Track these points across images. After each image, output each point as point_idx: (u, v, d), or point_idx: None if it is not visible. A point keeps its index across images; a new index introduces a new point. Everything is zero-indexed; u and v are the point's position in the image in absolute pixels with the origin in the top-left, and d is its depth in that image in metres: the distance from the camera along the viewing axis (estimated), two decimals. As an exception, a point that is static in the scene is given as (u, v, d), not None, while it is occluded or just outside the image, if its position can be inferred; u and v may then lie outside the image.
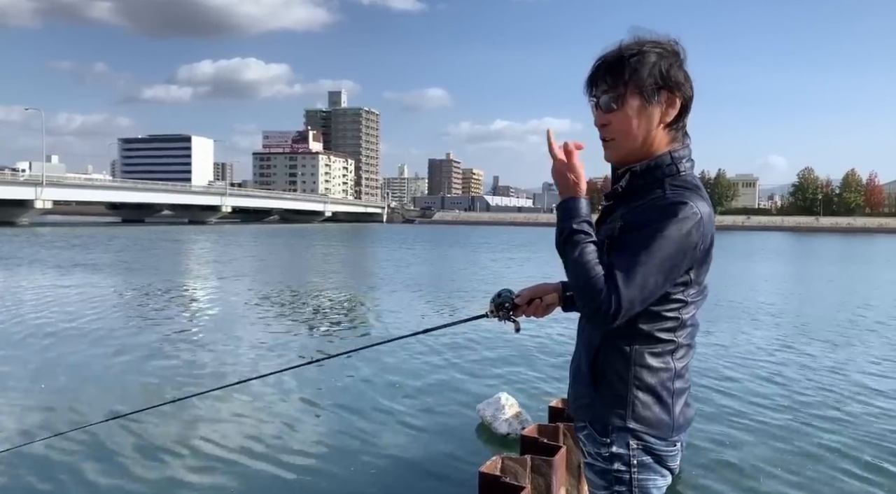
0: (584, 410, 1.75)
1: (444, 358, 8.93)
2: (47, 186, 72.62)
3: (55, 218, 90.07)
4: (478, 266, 27.39)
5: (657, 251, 1.55)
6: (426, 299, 15.98)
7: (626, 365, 1.67)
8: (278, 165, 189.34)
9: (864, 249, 49.65)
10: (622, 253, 1.58)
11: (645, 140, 1.68)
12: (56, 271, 21.24)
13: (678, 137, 1.72)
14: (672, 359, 1.69)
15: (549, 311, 1.97)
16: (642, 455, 1.67)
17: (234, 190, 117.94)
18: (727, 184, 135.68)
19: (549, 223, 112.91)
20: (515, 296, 1.94)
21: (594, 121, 1.73)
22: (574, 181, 1.67)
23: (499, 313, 1.93)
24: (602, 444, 1.70)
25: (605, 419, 1.69)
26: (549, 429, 4.18)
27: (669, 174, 1.66)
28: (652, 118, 1.67)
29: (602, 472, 1.71)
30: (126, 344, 9.82)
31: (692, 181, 1.68)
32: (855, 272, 28.36)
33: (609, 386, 1.69)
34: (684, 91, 1.68)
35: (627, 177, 1.70)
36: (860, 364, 9.11)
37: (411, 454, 5.56)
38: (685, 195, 1.61)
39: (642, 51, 1.65)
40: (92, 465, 5.16)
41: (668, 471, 1.71)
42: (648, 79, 1.64)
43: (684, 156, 1.70)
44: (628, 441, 1.67)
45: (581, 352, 1.78)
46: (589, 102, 1.74)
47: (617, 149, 1.71)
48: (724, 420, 6.37)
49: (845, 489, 4.90)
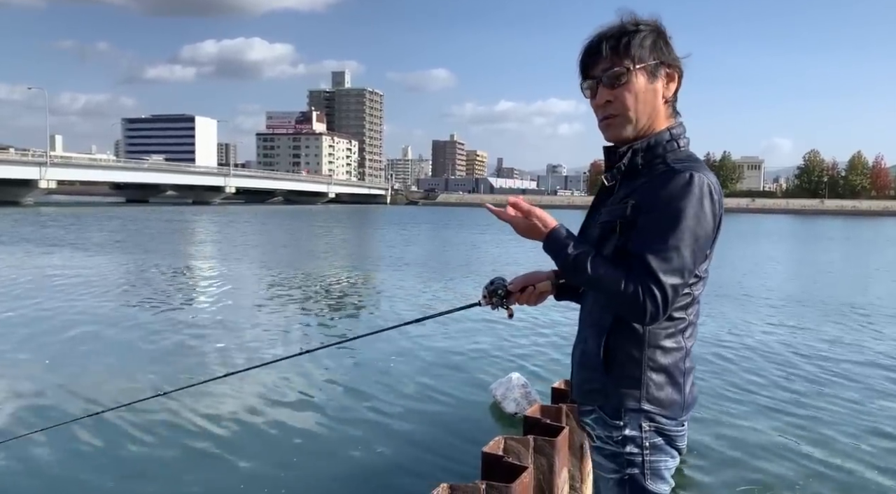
0: (594, 394, 1.72)
1: (463, 340, 8.97)
2: (51, 166, 72.63)
3: (59, 198, 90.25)
4: (480, 249, 27.40)
5: (686, 230, 1.52)
6: (432, 281, 16.01)
7: (639, 347, 1.64)
8: (282, 146, 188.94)
9: (869, 232, 49.47)
10: (649, 238, 1.54)
11: (649, 116, 1.67)
12: (57, 251, 21.29)
13: (674, 114, 1.73)
14: (683, 338, 1.68)
15: (542, 299, 1.95)
16: (654, 437, 1.66)
17: (238, 170, 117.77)
18: (732, 166, 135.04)
19: (552, 205, 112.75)
20: (508, 284, 1.92)
21: (592, 100, 1.71)
22: (539, 222, 1.67)
23: (492, 300, 1.91)
24: (614, 427, 1.68)
25: (617, 402, 1.67)
26: (551, 410, 4.20)
27: (670, 150, 1.66)
28: (656, 94, 1.67)
29: (613, 455, 1.69)
30: (121, 329, 9.86)
31: (693, 155, 1.69)
32: (858, 254, 28.29)
33: (622, 368, 1.66)
34: (680, 66, 1.70)
35: (629, 156, 1.68)
36: (858, 341, 9.12)
37: (422, 433, 5.62)
38: (694, 167, 1.60)
39: (640, 28, 1.66)
40: (91, 455, 5.21)
41: (676, 452, 1.71)
42: (651, 55, 1.65)
43: (681, 133, 1.71)
44: (641, 423, 1.65)
45: (588, 336, 1.75)
46: (583, 82, 1.72)
47: (621, 126, 1.69)
48: (725, 400, 6.39)
49: (845, 466, 4.93)
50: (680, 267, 1.52)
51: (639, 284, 1.51)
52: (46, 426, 4.86)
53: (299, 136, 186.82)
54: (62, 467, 4.83)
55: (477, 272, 17.74)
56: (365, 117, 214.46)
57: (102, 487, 4.59)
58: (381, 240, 32.94)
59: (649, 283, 1.50)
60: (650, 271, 1.50)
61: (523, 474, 3.20)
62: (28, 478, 4.65)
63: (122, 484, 4.64)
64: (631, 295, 1.51)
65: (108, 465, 4.89)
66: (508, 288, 1.91)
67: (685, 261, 1.52)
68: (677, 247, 1.52)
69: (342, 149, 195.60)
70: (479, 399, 6.42)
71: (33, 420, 5.62)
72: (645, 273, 1.51)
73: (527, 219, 1.69)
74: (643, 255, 1.52)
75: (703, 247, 1.58)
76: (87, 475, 4.73)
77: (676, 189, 1.55)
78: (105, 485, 4.61)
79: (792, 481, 4.72)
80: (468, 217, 63.81)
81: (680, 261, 1.52)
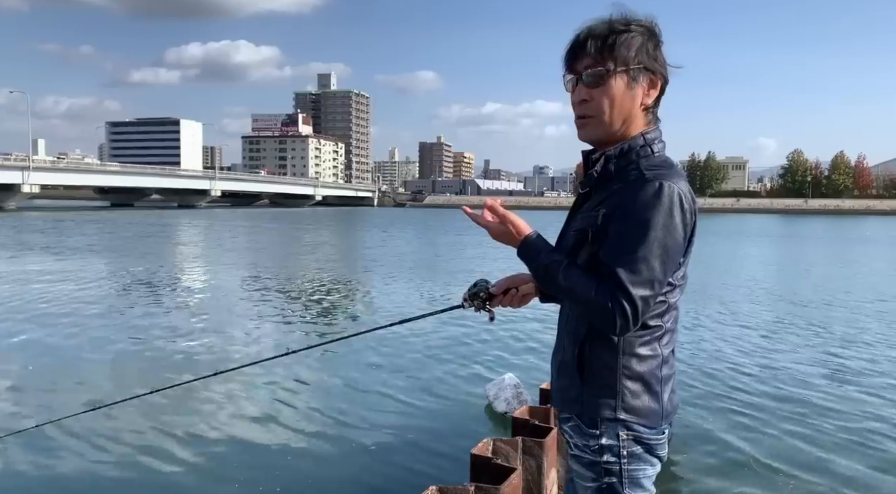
0: (571, 403, 1.71)
1: (464, 339, 8.94)
2: (34, 171, 71.91)
3: (43, 202, 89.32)
4: (467, 249, 27.40)
5: (655, 241, 1.51)
6: (421, 282, 15.99)
7: (614, 355, 1.63)
8: (268, 149, 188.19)
9: (852, 231, 49.94)
10: (618, 249, 1.54)
11: (625, 121, 1.64)
12: (43, 255, 21.08)
13: (652, 121, 1.69)
14: (659, 346, 1.66)
15: (525, 301, 1.92)
16: (632, 446, 1.64)
17: (224, 174, 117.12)
18: (717, 166, 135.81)
19: (539, 206, 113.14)
20: (491, 286, 1.89)
21: (572, 97, 1.67)
22: (513, 228, 1.67)
23: (474, 303, 1.89)
24: (591, 436, 1.66)
25: (593, 411, 1.65)
26: (540, 411, 4.23)
27: (644, 155, 1.63)
28: (635, 99, 1.63)
29: (590, 464, 1.68)
30: (101, 335, 9.79)
31: (668, 161, 1.66)
32: (840, 253, 28.57)
33: (597, 376, 1.65)
34: (665, 74, 1.66)
35: (602, 162, 1.66)
36: (840, 341, 9.22)
37: (414, 434, 5.61)
38: (665, 174, 1.57)
39: (630, 29, 1.61)
40: (86, 453, 5.18)
41: (657, 460, 1.69)
42: (636, 58, 1.60)
43: (656, 137, 1.67)
44: (618, 432, 1.63)
45: (565, 344, 1.74)
46: (565, 77, 1.68)
47: (595, 128, 1.66)
48: (709, 404, 6.44)
49: (829, 468, 4.99)
50: (650, 279, 1.51)
51: (608, 295, 1.50)
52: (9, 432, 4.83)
53: (285, 139, 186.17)
54: (38, 471, 4.80)
55: (464, 270, 17.74)
56: (352, 119, 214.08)
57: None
58: (368, 242, 32.84)
59: (618, 295, 1.49)
60: (619, 283, 1.50)
61: (512, 475, 3.22)
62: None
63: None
64: (600, 305, 1.50)
65: (90, 466, 4.86)
66: (491, 290, 1.88)
67: (654, 273, 1.51)
68: (646, 259, 1.51)
69: (329, 151, 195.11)
70: (475, 399, 6.43)
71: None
72: (614, 284, 1.50)
73: (502, 225, 1.68)
74: (612, 267, 1.52)
75: (674, 257, 1.56)
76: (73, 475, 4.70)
77: (646, 199, 1.53)
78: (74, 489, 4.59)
79: (778, 484, 4.77)
80: (455, 219, 63.76)
81: (649, 273, 1.51)
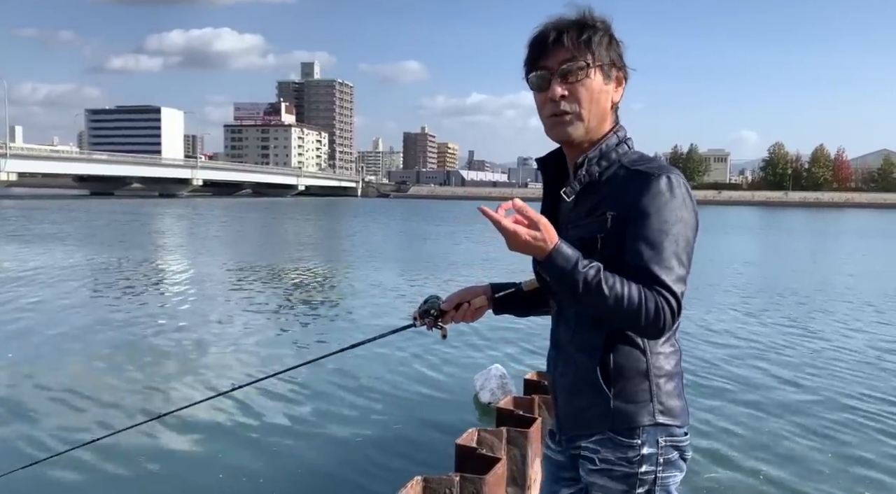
0: (598, 420, 1.59)
1: (453, 330, 8.89)
2: (11, 158, 70.84)
3: (20, 190, 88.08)
4: (451, 241, 27.44)
5: (680, 236, 1.48)
6: (403, 281, 15.99)
7: (642, 356, 1.56)
8: (250, 138, 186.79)
9: (832, 223, 50.59)
10: (647, 248, 1.46)
11: (599, 119, 1.58)
12: (18, 246, 20.79)
13: (617, 119, 1.64)
14: (675, 339, 1.62)
15: (478, 315, 1.85)
16: (669, 452, 1.57)
17: (206, 162, 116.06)
18: (699, 158, 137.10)
19: (522, 197, 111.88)
20: (442, 302, 1.82)
21: (540, 94, 1.58)
22: (543, 234, 1.41)
23: (425, 320, 1.82)
24: (629, 447, 1.56)
25: (630, 420, 1.56)
26: (524, 401, 4.24)
27: (623, 152, 1.59)
28: (608, 96, 1.59)
29: (624, 477, 1.57)
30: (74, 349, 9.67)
31: (645, 154, 1.61)
32: (821, 244, 28.95)
33: (629, 383, 1.56)
34: (627, 73, 1.62)
35: (585, 166, 1.58)
36: (826, 330, 9.35)
37: (402, 425, 5.65)
38: (665, 167, 1.54)
39: (600, 25, 1.57)
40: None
41: (685, 464, 1.62)
42: (609, 54, 1.57)
43: (625, 132, 1.63)
44: (658, 438, 1.56)
45: (579, 361, 1.62)
46: (532, 72, 1.58)
47: (572, 125, 1.57)
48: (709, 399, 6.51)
49: (823, 460, 5.06)
50: (683, 275, 1.47)
51: (655, 298, 1.42)
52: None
53: (268, 128, 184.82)
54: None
55: (451, 269, 17.76)
56: (335, 109, 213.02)
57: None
58: (351, 234, 32.76)
59: (665, 295, 1.43)
60: (662, 283, 1.43)
61: (497, 465, 3.23)
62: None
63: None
64: (650, 309, 1.41)
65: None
66: (442, 306, 1.82)
67: (685, 267, 1.48)
68: (676, 254, 1.46)
69: (312, 141, 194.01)
70: (464, 390, 6.44)
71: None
72: (658, 285, 1.43)
73: (532, 230, 1.41)
74: (648, 267, 1.44)
75: (693, 248, 1.53)
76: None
77: (658, 194, 1.48)
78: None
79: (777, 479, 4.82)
80: (439, 210, 63.75)
81: (681, 269, 1.47)
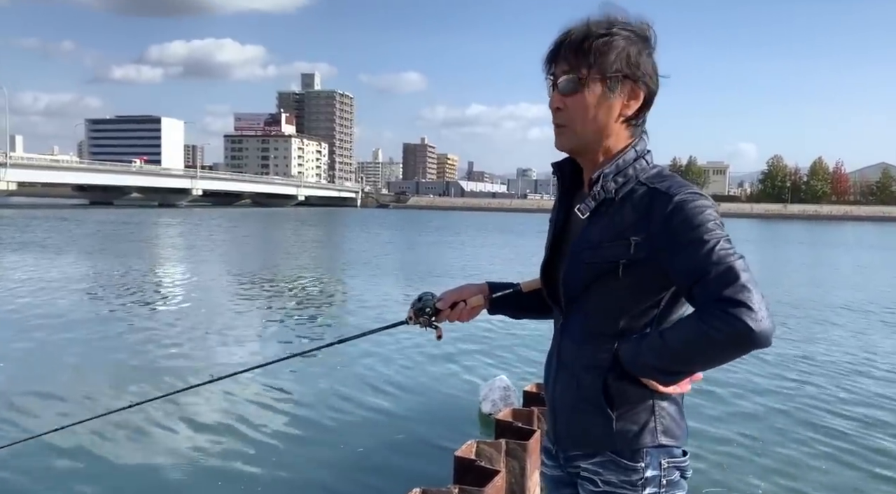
0: (600, 440, 1.54)
1: (461, 338, 8.89)
2: (11, 167, 70.88)
3: (20, 199, 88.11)
4: (451, 250, 27.45)
5: (725, 248, 1.39)
6: (403, 285, 15.98)
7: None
8: (250, 148, 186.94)
9: (831, 236, 50.61)
10: (703, 274, 1.37)
11: (601, 132, 1.52)
12: (20, 255, 20.77)
13: (637, 134, 1.56)
14: None
15: (474, 314, 1.80)
16: (672, 474, 1.53)
17: (206, 172, 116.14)
18: (698, 171, 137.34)
19: (521, 209, 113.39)
20: (437, 301, 1.76)
21: (549, 102, 1.56)
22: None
23: (419, 319, 1.76)
24: (632, 470, 1.51)
25: (634, 441, 1.51)
26: (523, 413, 4.22)
27: (641, 168, 1.53)
28: (612, 109, 1.50)
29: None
30: (78, 342, 9.65)
31: (664, 170, 1.56)
32: (821, 256, 28.98)
33: (632, 403, 1.51)
34: (650, 84, 1.52)
35: (601, 183, 1.51)
36: (821, 341, 9.33)
37: (404, 434, 5.67)
38: (687, 185, 1.49)
39: (612, 32, 1.48)
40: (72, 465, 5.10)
41: (686, 483, 1.59)
42: (614, 65, 1.47)
43: (645, 147, 1.56)
44: (660, 460, 1.52)
45: (577, 380, 1.57)
46: (546, 80, 1.57)
47: (569, 137, 1.54)
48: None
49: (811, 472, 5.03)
50: (736, 277, 1.36)
51: (725, 319, 1.33)
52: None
53: (268, 138, 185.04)
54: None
55: (447, 273, 17.76)
56: (335, 119, 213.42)
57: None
58: (351, 244, 32.77)
59: (741, 315, 1.32)
60: (719, 298, 1.34)
61: (495, 478, 3.21)
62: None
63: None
64: (726, 334, 1.33)
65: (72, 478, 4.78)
66: (437, 305, 1.75)
67: (740, 268, 1.37)
68: (734, 269, 1.36)
69: (312, 151, 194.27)
70: (468, 401, 6.45)
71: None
72: (727, 304, 1.34)
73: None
74: (715, 290, 1.36)
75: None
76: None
77: (694, 215, 1.43)
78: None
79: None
80: (438, 220, 63.76)
81: (735, 272, 1.36)
